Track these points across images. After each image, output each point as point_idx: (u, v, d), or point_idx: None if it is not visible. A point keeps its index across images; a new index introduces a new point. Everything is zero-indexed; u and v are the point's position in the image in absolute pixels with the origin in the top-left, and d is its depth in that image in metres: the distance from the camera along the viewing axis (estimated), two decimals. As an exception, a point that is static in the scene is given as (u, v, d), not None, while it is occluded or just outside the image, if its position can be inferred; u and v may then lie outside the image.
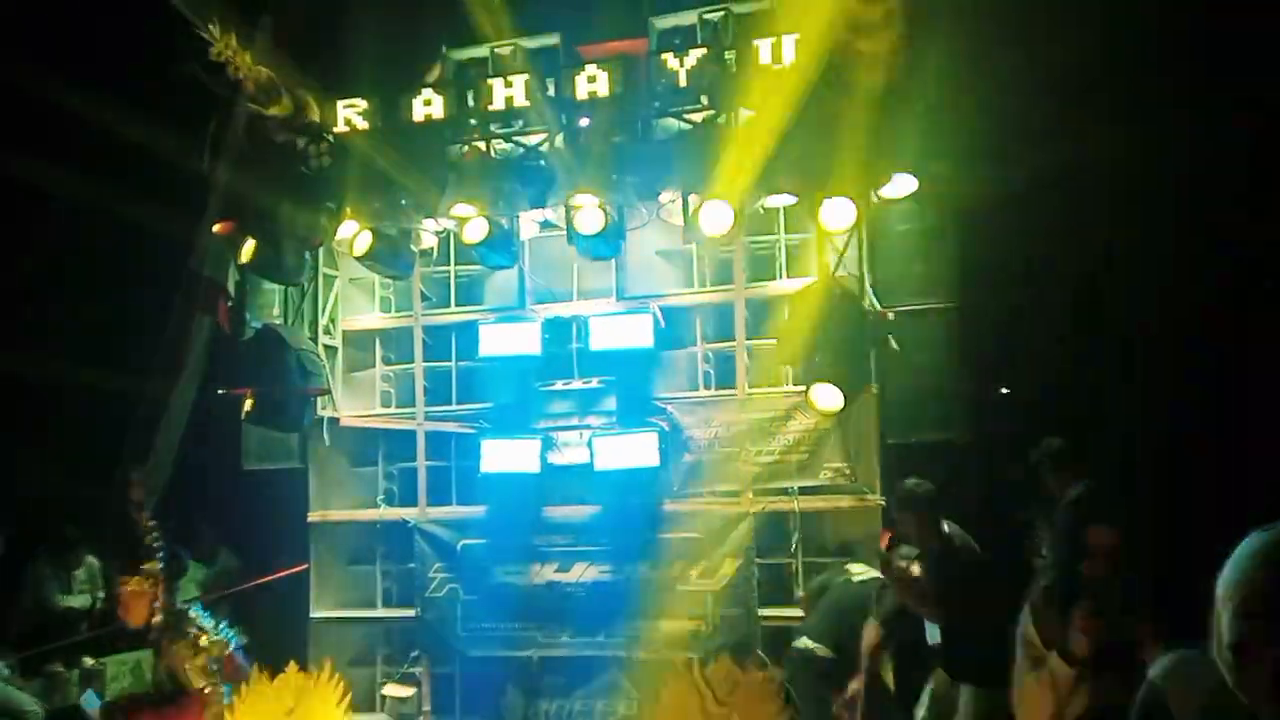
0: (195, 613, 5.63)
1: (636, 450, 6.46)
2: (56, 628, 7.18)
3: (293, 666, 5.04)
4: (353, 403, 7.39)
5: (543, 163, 6.20)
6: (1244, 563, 1.97)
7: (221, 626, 5.66)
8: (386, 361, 7.47)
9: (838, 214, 5.48)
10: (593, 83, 5.89)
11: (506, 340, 6.81)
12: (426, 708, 6.97)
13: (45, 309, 11.39)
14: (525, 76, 6.07)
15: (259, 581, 7.17)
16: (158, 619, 5.45)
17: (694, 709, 4.57)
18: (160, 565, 5.56)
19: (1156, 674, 2.40)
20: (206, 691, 5.32)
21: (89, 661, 7.34)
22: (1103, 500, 3.25)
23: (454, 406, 7.20)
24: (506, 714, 6.76)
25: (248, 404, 6.44)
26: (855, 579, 5.71)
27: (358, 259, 6.40)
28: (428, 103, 6.16)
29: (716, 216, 5.64)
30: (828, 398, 5.50)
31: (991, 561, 4.85)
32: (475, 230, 6.10)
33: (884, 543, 5.80)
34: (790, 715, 4.81)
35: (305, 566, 7.16)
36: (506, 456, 6.68)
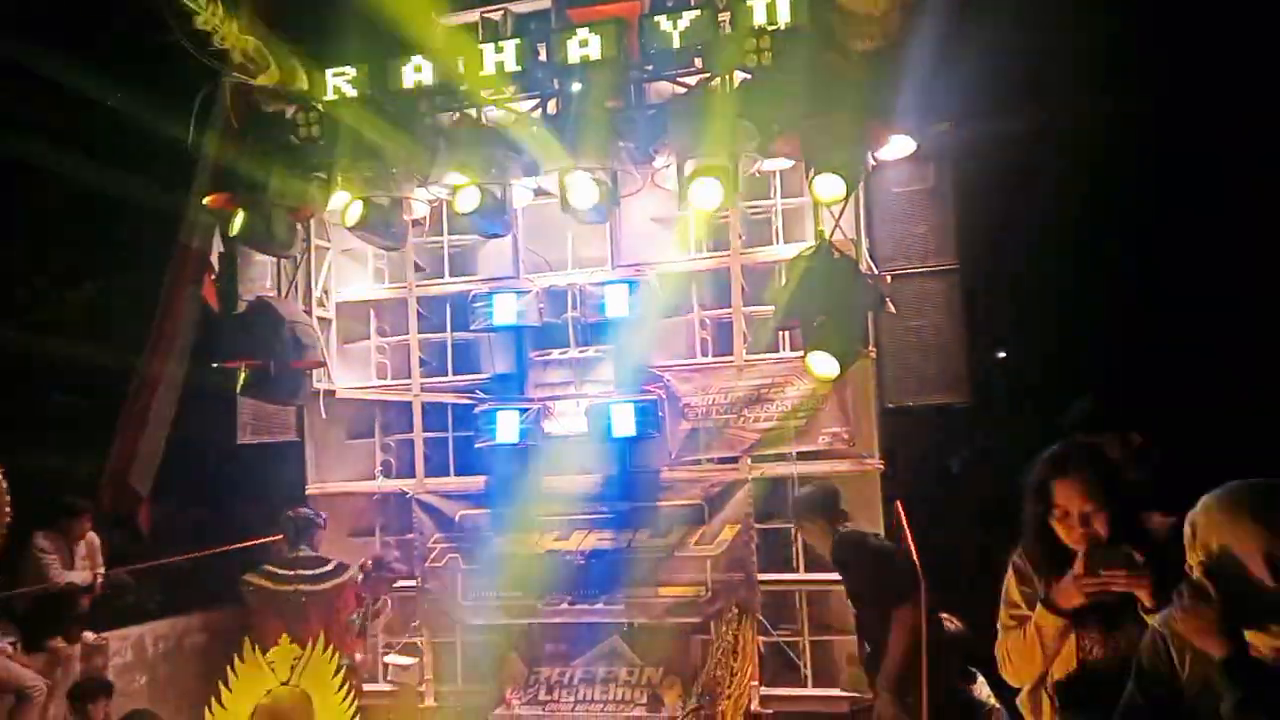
0: None
1: (624, 419, 6.42)
2: (57, 604, 7.17)
3: (285, 638, 5.01)
4: (348, 375, 7.35)
5: (534, 129, 6.11)
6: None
7: None
8: (381, 333, 7.42)
9: (830, 185, 5.41)
10: (584, 47, 5.78)
11: (504, 310, 6.75)
12: (429, 677, 7.00)
13: (35, 285, 11.33)
14: (516, 42, 5.96)
15: (237, 546, 7.12)
16: None
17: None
18: None
19: (1159, 621, 2.47)
20: None
21: (90, 636, 7.35)
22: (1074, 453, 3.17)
23: (450, 377, 7.17)
24: (508, 682, 6.79)
25: (242, 377, 6.38)
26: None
27: (350, 229, 6.31)
28: (418, 69, 6.05)
29: (708, 191, 5.56)
30: (824, 365, 5.45)
31: None
32: (468, 199, 6.02)
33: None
34: None
35: (279, 537, 7.03)
36: (505, 427, 6.65)
